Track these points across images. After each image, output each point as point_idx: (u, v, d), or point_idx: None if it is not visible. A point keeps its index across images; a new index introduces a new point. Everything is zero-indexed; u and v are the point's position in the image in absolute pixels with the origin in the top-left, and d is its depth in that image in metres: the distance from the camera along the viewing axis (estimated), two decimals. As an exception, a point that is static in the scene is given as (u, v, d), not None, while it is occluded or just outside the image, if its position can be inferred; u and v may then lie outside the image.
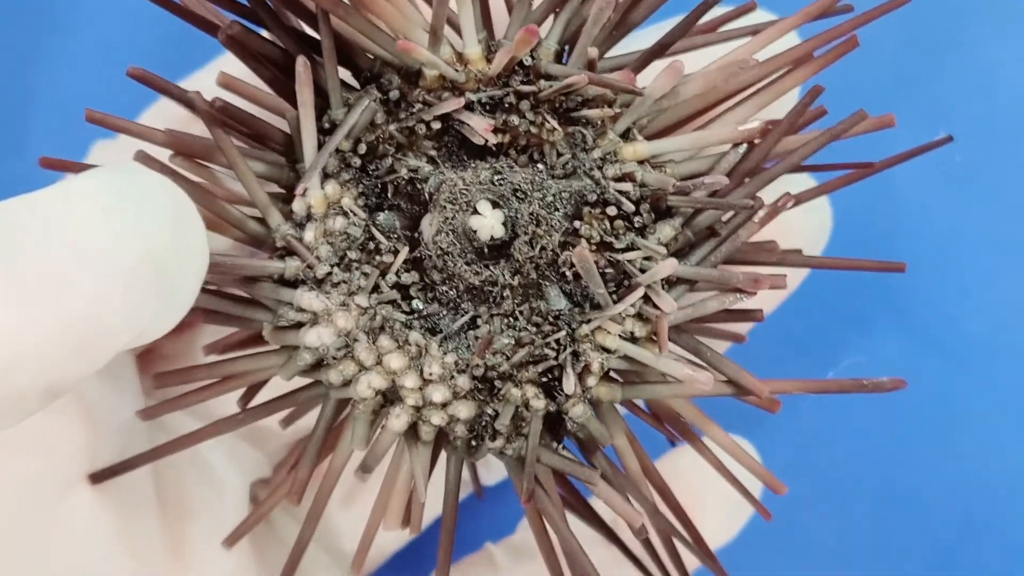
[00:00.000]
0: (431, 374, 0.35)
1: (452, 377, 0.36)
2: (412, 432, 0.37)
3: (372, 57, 0.36)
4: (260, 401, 0.39)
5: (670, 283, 0.36)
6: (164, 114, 0.43)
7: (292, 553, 0.39)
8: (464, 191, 0.35)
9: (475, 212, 0.35)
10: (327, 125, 0.36)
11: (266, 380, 0.38)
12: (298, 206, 0.36)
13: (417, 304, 0.36)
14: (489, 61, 0.36)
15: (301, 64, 0.35)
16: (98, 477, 0.39)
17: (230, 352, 0.39)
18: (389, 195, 0.37)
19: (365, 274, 0.36)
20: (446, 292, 0.36)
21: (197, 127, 0.38)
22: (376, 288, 0.36)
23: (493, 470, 0.53)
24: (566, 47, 0.37)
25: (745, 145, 0.36)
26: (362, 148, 0.36)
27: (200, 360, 0.42)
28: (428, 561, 0.49)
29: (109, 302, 0.30)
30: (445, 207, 0.35)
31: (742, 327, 0.44)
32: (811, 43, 0.37)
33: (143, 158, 0.35)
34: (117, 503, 0.39)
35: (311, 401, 0.38)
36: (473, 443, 0.37)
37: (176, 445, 0.39)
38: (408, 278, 0.36)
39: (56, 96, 0.56)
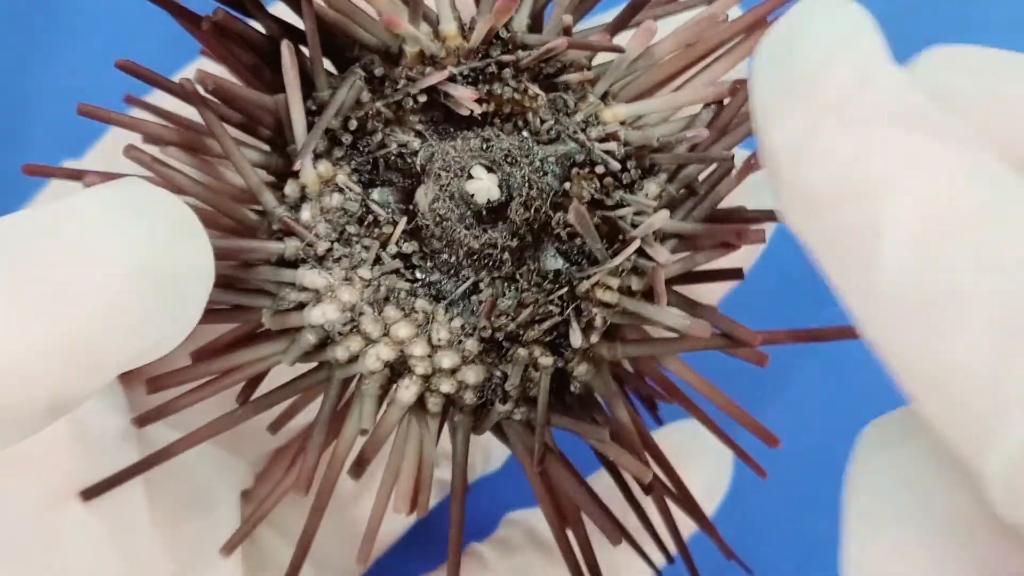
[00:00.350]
0: (440, 340, 0.36)
1: (460, 342, 0.36)
2: (419, 405, 0.37)
3: (351, 42, 0.37)
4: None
5: (660, 239, 0.37)
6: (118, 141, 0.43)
7: (298, 548, 0.39)
8: (457, 159, 0.36)
9: (470, 177, 0.35)
10: (313, 107, 0.36)
11: (266, 372, 0.38)
12: (290, 188, 0.36)
13: (419, 273, 0.37)
14: (464, 38, 0.37)
15: (286, 46, 0.35)
16: (90, 493, 0.38)
17: (220, 354, 0.39)
18: (381, 171, 0.37)
19: (366, 247, 0.36)
20: (446, 259, 0.36)
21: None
22: (378, 260, 0.36)
23: (475, 471, 0.53)
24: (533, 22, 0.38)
25: (715, 105, 0.38)
26: (352, 124, 0.37)
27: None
28: (418, 560, 0.48)
29: (116, 312, 0.30)
30: (440, 175, 0.36)
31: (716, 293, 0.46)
32: (768, 5, 0.38)
33: (134, 151, 0.35)
34: (110, 517, 0.39)
35: (312, 390, 0.38)
36: (478, 412, 0.37)
37: (170, 451, 0.38)
38: (408, 247, 0.37)
39: (56, 96, 0.56)
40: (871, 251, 0.26)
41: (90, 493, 0.38)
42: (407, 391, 0.36)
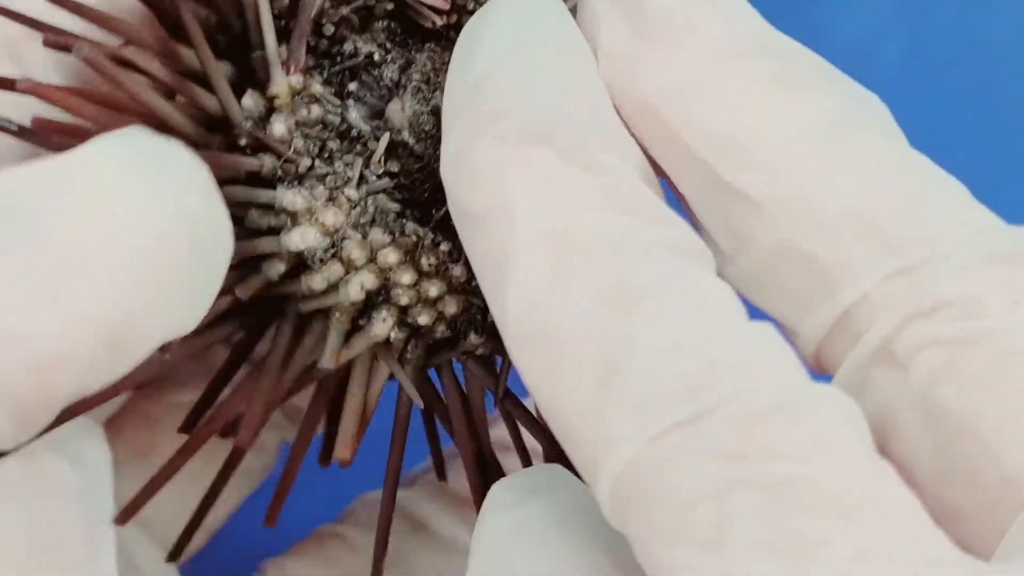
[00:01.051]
0: (429, 265, 0.33)
1: (447, 268, 0.33)
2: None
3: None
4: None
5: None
6: None
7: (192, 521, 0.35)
8: (435, 71, 0.34)
9: (453, 89, 0.33)
10: (275, 13, 0.33)
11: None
12: (252, 101, 0.32)
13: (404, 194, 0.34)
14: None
15: None
16: None
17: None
18: (349, 85, 0.34)
19: (348, 164, 0.33)
20: (426, 178, 0.34)
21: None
22: (361, 179, 0.33)
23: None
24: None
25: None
26: (329, 29, 0.33)
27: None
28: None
29: (147, 284, 0.26)
30: (420, 88, 0.33)
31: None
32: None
33: (90, 52, 0.30)
34: None
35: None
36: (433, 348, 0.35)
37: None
38: (392, 166, 0.34)
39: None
40: (502, 279, 0.27)
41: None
42: (383, 324, 0.33)
